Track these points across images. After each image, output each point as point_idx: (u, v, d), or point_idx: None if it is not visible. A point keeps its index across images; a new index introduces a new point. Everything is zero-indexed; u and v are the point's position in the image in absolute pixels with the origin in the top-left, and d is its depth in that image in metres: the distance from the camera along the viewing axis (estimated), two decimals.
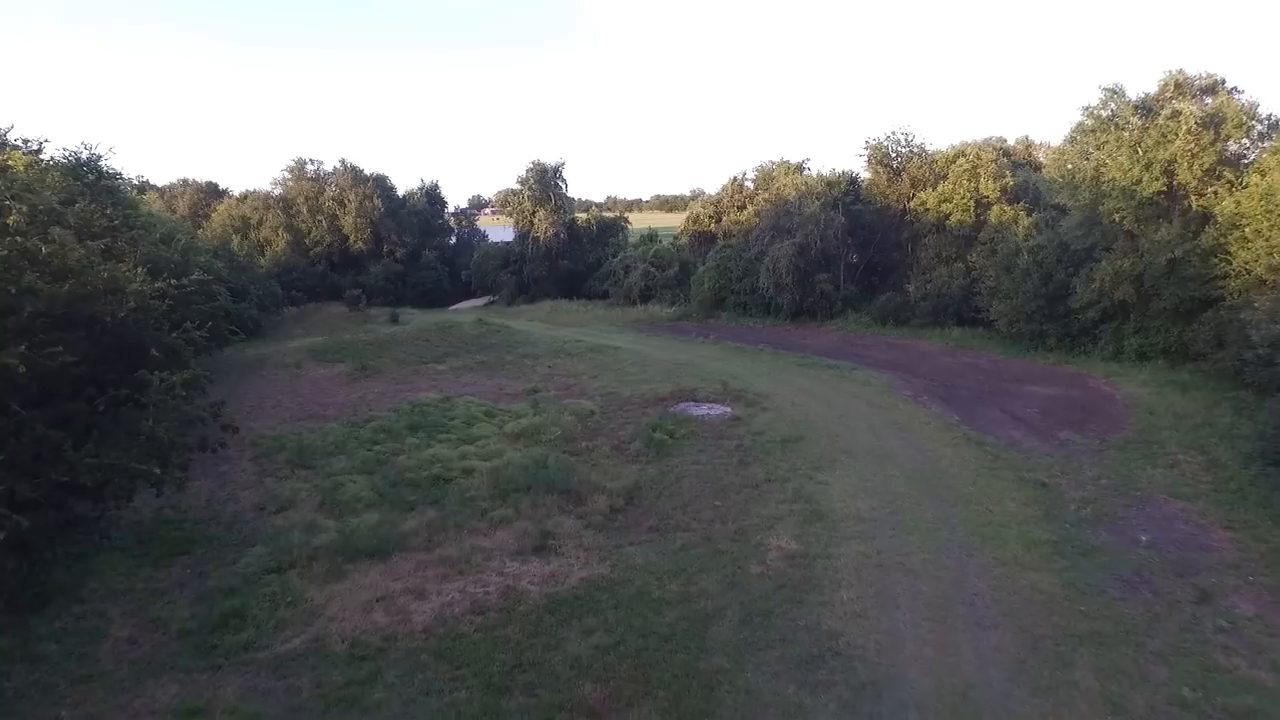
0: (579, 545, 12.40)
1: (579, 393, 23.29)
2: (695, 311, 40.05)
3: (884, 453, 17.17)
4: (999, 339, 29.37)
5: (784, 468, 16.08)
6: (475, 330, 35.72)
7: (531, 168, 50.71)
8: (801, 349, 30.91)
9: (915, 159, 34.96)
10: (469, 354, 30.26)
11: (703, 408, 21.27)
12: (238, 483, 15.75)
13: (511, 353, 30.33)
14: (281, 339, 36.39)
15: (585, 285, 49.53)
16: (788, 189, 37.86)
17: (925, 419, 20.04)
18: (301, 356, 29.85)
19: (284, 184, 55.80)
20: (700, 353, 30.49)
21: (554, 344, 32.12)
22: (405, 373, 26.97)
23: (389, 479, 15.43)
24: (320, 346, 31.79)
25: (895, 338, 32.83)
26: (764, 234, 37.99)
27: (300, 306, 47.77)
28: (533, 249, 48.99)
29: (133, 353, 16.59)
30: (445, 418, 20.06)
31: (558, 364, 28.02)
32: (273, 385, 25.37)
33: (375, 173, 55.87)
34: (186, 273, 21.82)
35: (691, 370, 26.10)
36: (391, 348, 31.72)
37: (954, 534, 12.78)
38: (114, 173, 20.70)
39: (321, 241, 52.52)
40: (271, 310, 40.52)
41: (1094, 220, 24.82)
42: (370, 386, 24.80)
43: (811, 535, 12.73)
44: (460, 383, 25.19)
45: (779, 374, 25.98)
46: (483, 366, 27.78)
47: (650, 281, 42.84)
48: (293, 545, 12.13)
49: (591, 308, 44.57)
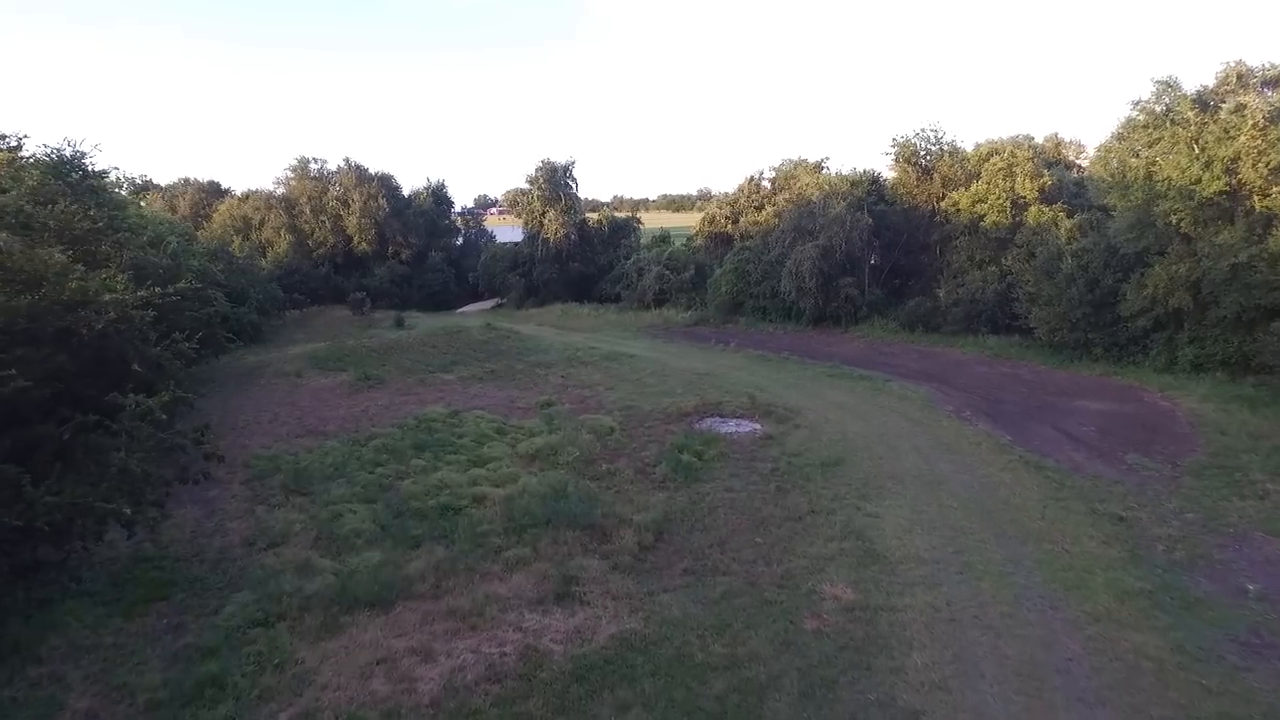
0: (606, 592, 10.99)
1: (596, 406, 21.90)
2: (712, 316, 38.62)
3: (935, 478, 15.70)
4: (1039, 348, 27.83)
5: (827, 496, 14.64)
6: (483, 336, 34.40)
7: (541, 167, 49.38)
8: (828, 357, 29.45)
9: (946, 158, 33.40)
10: (477, 362, 28.92)
11: (730, 424, 19.85)
12: (227, 511, 14.40)
13: (522, 361, 28.98)
14: (282, 344, 35.16)
15: (596, 288, 48.14)
16: (810, 189, 36.39)
17: (974, 438, 18.55)
18: (302, 364, 28.57)
19: (287, 183, 54.67)
20: (721, 361, 29.05)
21: (566, 351, 30.75)
22: (411, 382, 25.64)
23: (392, 508, 14.07)
24: (322, 353, 30.52)
25: (925, 346, 31.34)
26: (785, 235, 36.54)
27: (303, 310, 46.53)
28: (542, 250, 47.61)
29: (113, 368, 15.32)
30: (453, 435, 18.69)
31: (571, 373, 26.64)
32: (271, 396, 24.06)
33: (380, 172, 54.75)
34: (177, 278, 20.57)
35: (714, 381, 24.67)
36: (396, 355, 30.43)
37: (1030, 580, 11.32)
38: (99, 171, 19.47)
39: (325, 242, 51.31)
40: (272, 314, 39.32)
41: (1146, 222, 23.26)
42: (374, 398, 23.47)
43: (869, 580, 11.29)
44: (469, 394, 23.83)
45: (808, 385, 24.52)
46: (492, 376, 26.42)
47: (665, 285, 41.41)
48: (283, 592, 10.76)
49: (604, 312, 43.18)
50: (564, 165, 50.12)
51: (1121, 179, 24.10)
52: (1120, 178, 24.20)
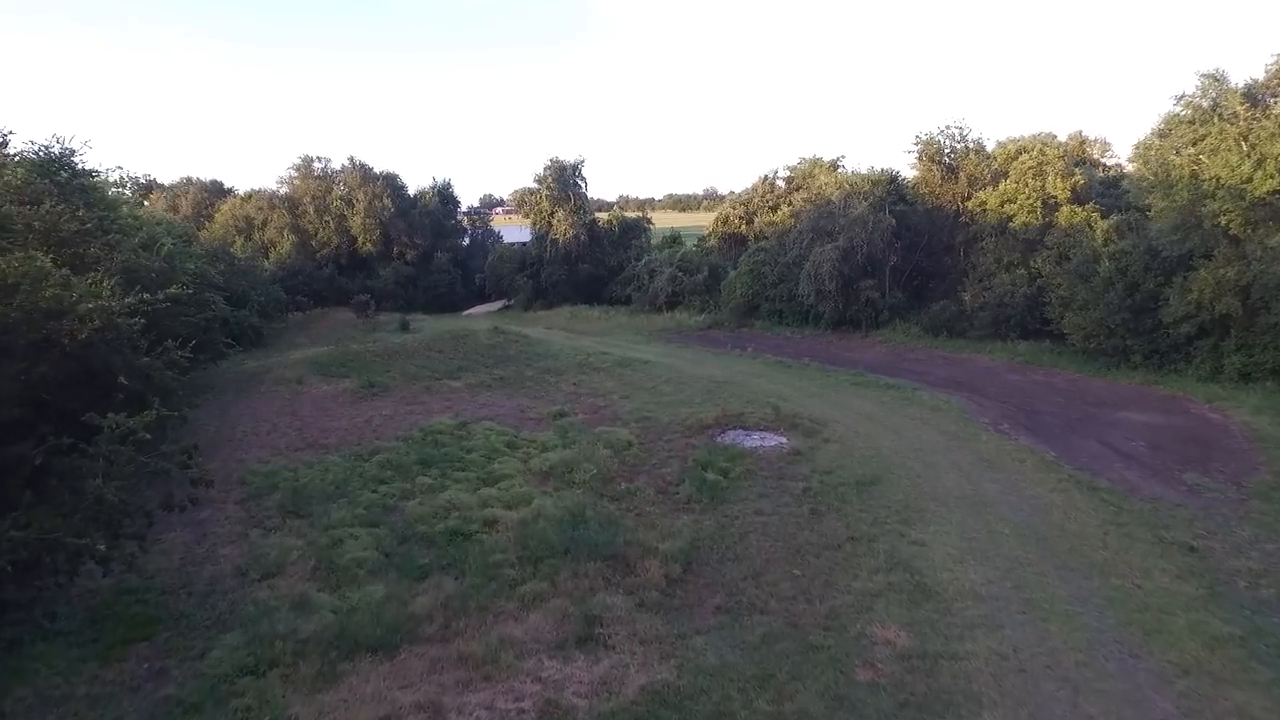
0: (633, 634, 9.96)
1: (611, 417, 20.88)
2: (727, 319, 37.56)
3: (980, 500, 14.63)
4: (1072, 355, 26.69)
5: (866, 520, 13.58)
6: (491, 340, 33.44)
7: (550, 165, 48.39)
8: (850, 364, 28.36)
9: (972, 156, 32.26)
10: (485, 368, 27.95)
11: (755, 437, 18.80)
12: (219, 535, 13.44)
13: (532, 367, 27.99)
14: (284, 349, 34.27)
15: (606, 290, 47.14)
16: (829, 188, 35.30)
17: (1015, 454, 17.46)
18: (303, 370, 27.65)
19: (290, 183, 53.88)
20: (739, 368, 27.99)
21: (577, 356, 29.75)
22: (416, 390, 24.67)
23: (397, 533, 13.08)
24: (324, 358, 29.62)
25: (951, 351, 30.21)
26: (803, 236, 35.46)
27: (306, 312, 45.69)
28: (551, 251, 46.61)
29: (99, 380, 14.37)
30: (462, 449, 17.68)
31: (583, 381, 25.62)
32: (270, 405, 23.13)
33: (385, 171, 53.92)
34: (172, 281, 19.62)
35: (734, 390, 23.61)
36: (401, 360, 29.49)
37: (1103, 621, 10.24)
38: (90, 170, 18.56)
39: (329, 243, 50.47)
40: (274, 317, 38.46)
41: (1192, 223, 22.11)
42: (377, 407, 22.51)
43: (924, 621, 10.23)
44: (477, 403, 22.84)
45: (833, 395, 23.44)
46: (501, 384, 25.42)
47: (678, 287, 40.37)
48: (276, 634, 9.76)
49: (614, 314, 42.17)
50: (573, 164, 49.16)
51: (1165, 178, 22.94)
52: (1163, 176, 23.05)
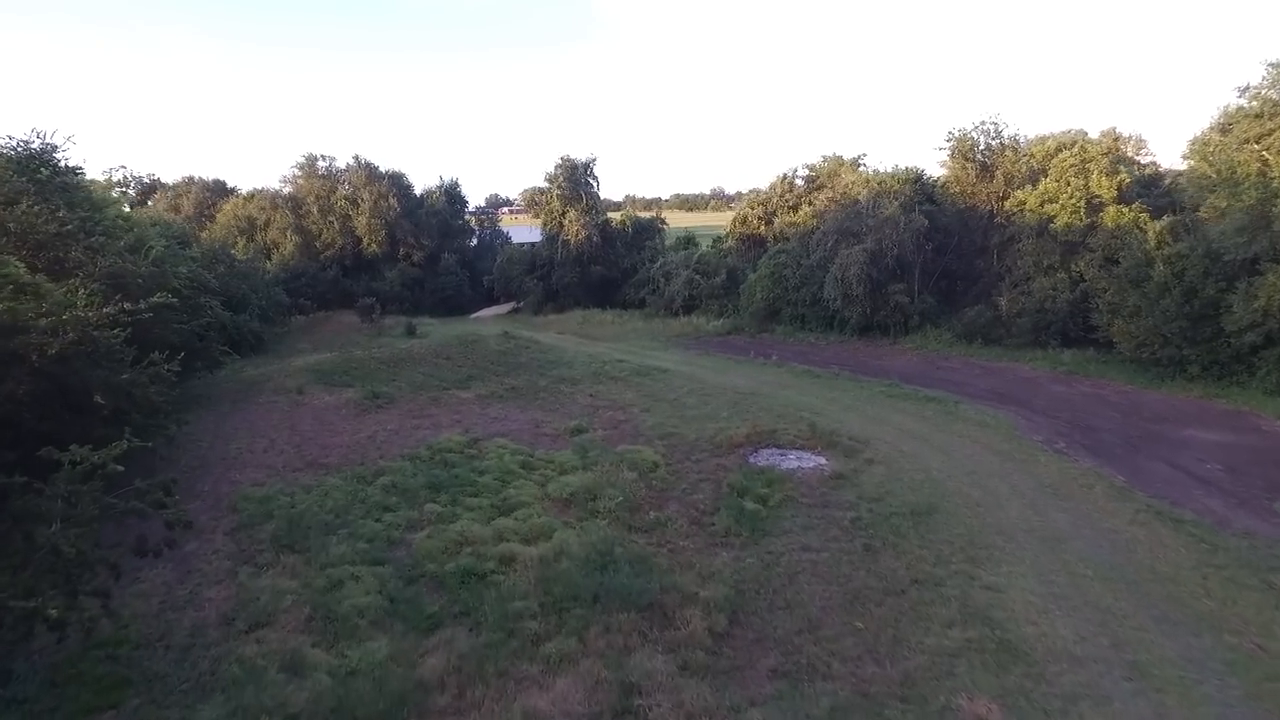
0: (678, 706, 8.57)
1: (632, 433, 19.50)
2: (747, 325, 36.13)
3: (1051, 534, 13.19)
4: (1121, 364, 25.16)
5: (928, 559, 12.15)
6: (501, 346, 32.12)
7: (560, 164, 47.05)
8: (882, 373, 26.91)
9: (1009, 153, 30.70)
10: (496, 377, 26.62)
11: (791, 458, 17.39)
12: (205, 572, 12.12)
13: (545, 375, 26.64)
14: (286, 355, 33.04)
15: (620, 293, 45.76)
16: (856, 187, 33.81)
17: (1080, 478, 15.99)
18: (305, 379, 26.37)
19: (294, 182, 52.72)
20: (765, 377, 26.56)
21: (592, 364, 28.39)
22: (423, 401, 23.35)
23: (403, 573, 11.73)
24: (327, 366, 28.33)
25: (988, 360, 28.70)
26: (827, 237, 34.02)
27: (309, 315, 44.53)
28: (562, 253, 45.25)
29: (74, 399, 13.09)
30: (473, 471, 16.33)
31: (600, 391, 24.25)
32: (269, 418, 21.84)
33: (391, 170, 52.69)
34: (163, 286, 18.38)
35: (762, 402, 22.20)
36: (407, 368, 28.19)
37: (1228, 693, 8.81)
38: (73, 167, 17.32)
39: (333, 244, 49.28)
40: (276, 321, 37.25)
41: (1260, 224, 20.59)
42: (382, 421, 21.19)
43: (1016, 690, 8.81)
44: (488, 417, 21.49)
45: (869, 408, 22.00)
46: (513, 395, 24.07)
47: (695, 290, 38.96)
48: (262, 706, 8.41)
49: (628, 319, 40.79)
50: (584, 163, 47.80)
51: (1229, 175, 21.42)
52: (1227, 174, 21.52)
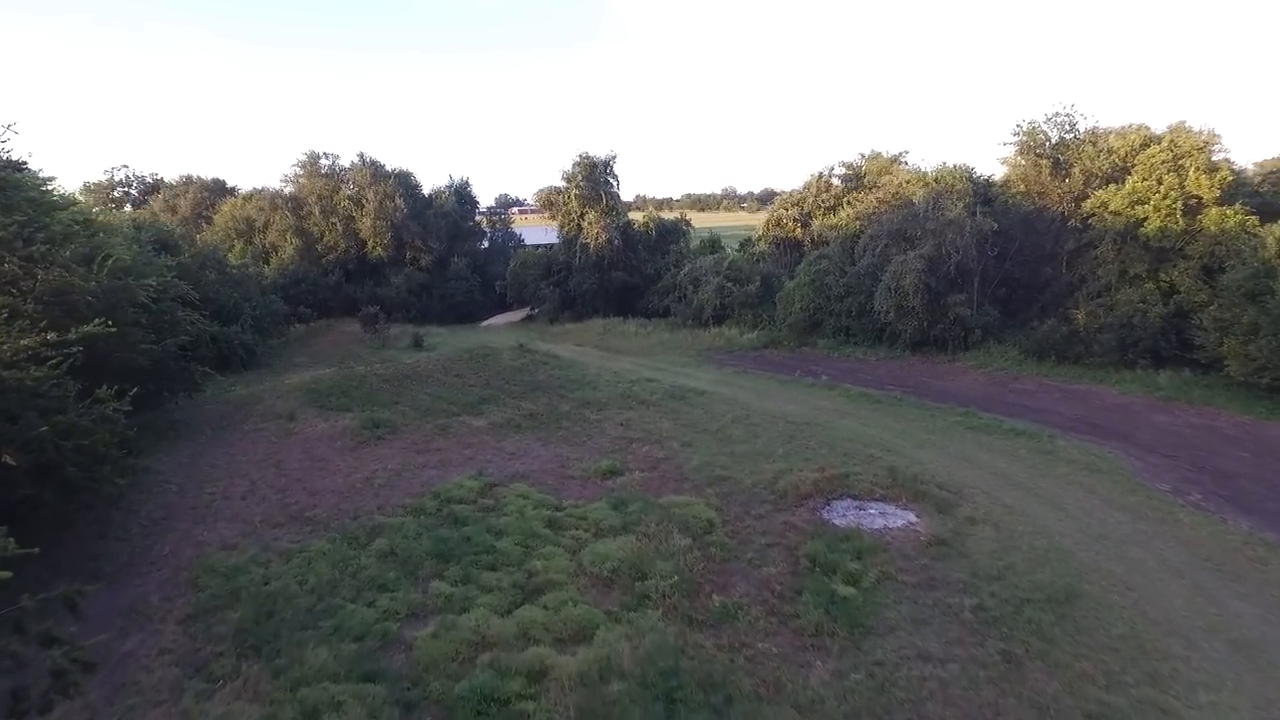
0: None
1: (675, 476, 16.68)
2: (785, 337, 33.22)
3: (1240, 635, 10.26)
4: (1231, 389, 22.07)
5: (1096, 678, 9.25)
6: (517, 362, 29.45)
7: (579, 162, 44.28)
8: (947, 396, 23.96)
9: (1088, 148, 27.62)
10: (512, 399, 23.90)
11: (872, 512, 14.52)
12: (143, 688, 9.41)
13: (567, 398, 23.87)
14: (280, 370, 30.48)
15: (642, 301, 42.94)
16: (911, 187, 30.85)
17: (1242, 546, 13.00)
18: (297, 402, 23.77)
19: (295, 181, 50.25)
20: (817, 402, 23.67)
21: (619, 384, 25.62)
22: (429, 431, 20.65)
23: (399, 695, 8.96)
24: (324, 385, 25.73)
25: (1065, 381, 25.66)
26: (875, 242, 31.07)
27: (309, 324, 42.04)
28: (581, 257, 42.44)
29: None
30: (489, 531, 13.54)
31: (632, 419, 21.44)
32: (252, 451, 19.21)
33: (398, 169, 50.08)
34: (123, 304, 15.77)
35: (821, 435, 19.34)
36: (413, 387, 25.55)
37: None
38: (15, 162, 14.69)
39: (335, 247, 46.73)
40: (272, 332, 34.69)
41: None
42: (382, 456, 18.50)
43: None
44: (504, 452, 18.74)
45: (948, 443, 19.07)
46: (532, 423, 21.30)
47: (726, 299, 36.06)
48: None
49: (653, 329, 37.95)
50: (604, 160, 45.01)
51: None
52: None
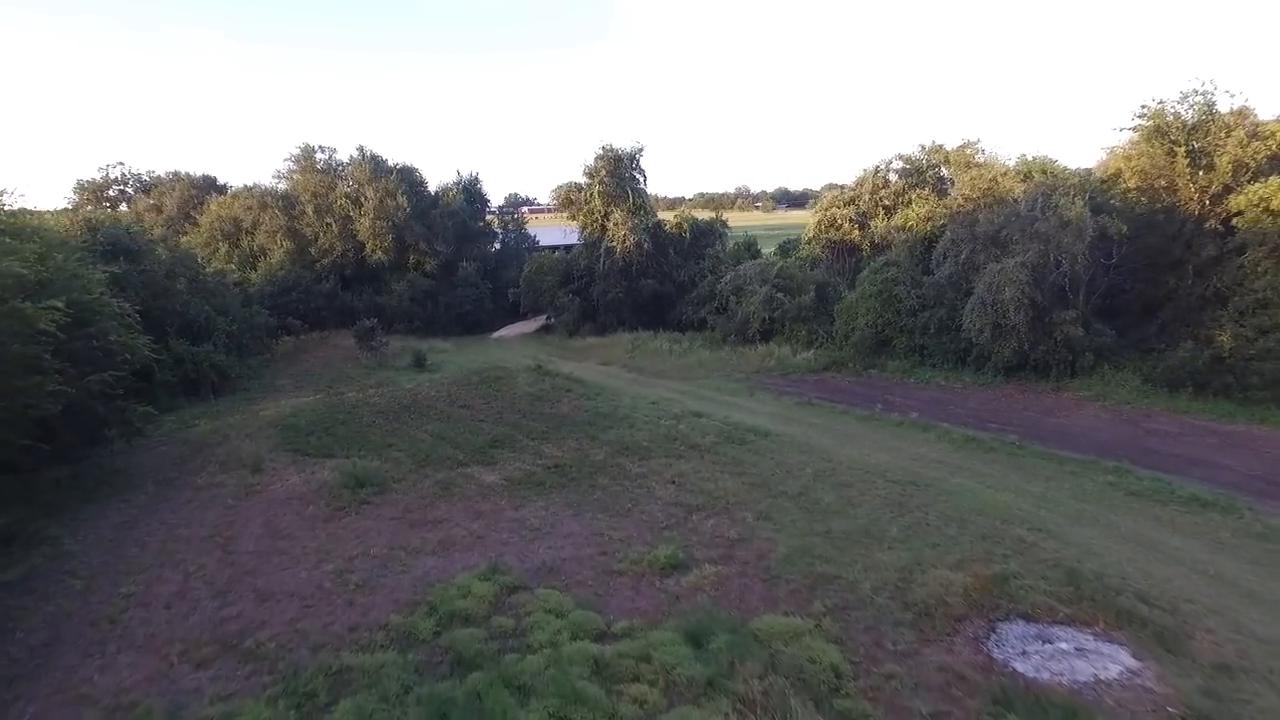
0: None
1: (760, 572, 12.29)
2: (849, 358, 28.83)
3: None
4: None
5: None
6: (535, 388, 25.24)
7: (602, 155, 40.06)
8: (1078, 443, 19.53)
9: (1236, 133, 23.03)
10: (531, 440, 19.65)
11: (1065, 647, 10.08)
12: None
13: (600, 441, 19.58)
14: (257, 396, 26.42)
15: (673, 312, 38.61)
16: (1007, 181, 26.37)
17: None
18: (268, 444, 19.65)
19: (288, 177, 46.39)
20: (913, 447, 19.23)
21: (661, 419, 21.36)
22: (428, 489, 16.43)
23: None
24: (304, 419, 21.64)
25: (1212, 420, 21.12)
26: (958, 247, 26.68)
27: (299, 337, 38.05)
28: (605, 262, 38.12)
29: None
30: (507, 686, 9.20)
31: (685, 473, 17.10)
32: (198, 521, 15.06)
33: (401, 164, 46.12)
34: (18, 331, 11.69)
35: (942, 503, 14.88)
36: (410, 423, 21.38)
37: None
38: None
39: (331, 250, 42.77)
40: (252, 349, 30.66)
41: None
42: (365, 533, 14.27)
43: None
44: (525, 528, 14.43)
45: (1113, 518, 14.57)
46: (558, 479, 16.98)
47: (776, 311, 31.68)
48: None
49: (689, 346, 33.60)
50: (630, 153, 40.75)
51: None
52: None
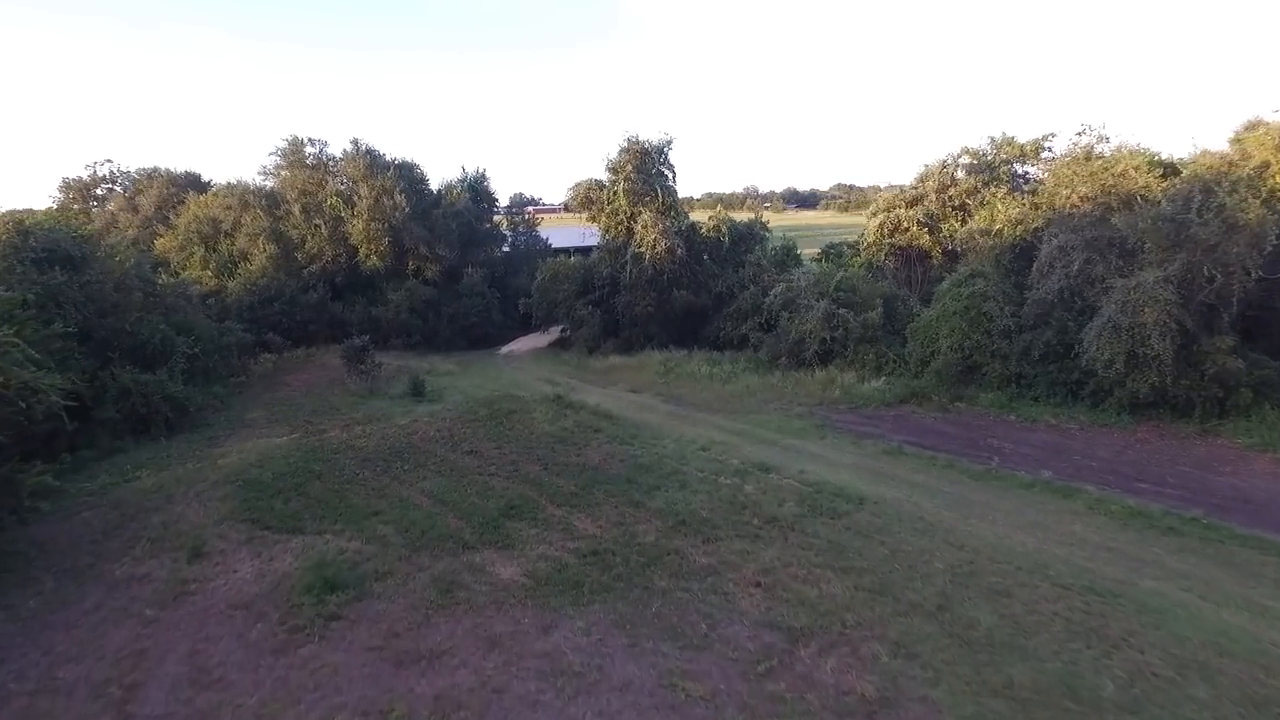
0: None
1: None
2: (931, 387, 24.43)
3: None
4: None
5: None
6: (555, 425, 21.04)
7: (627, 148, 35.72)
8: (1263, 513, 15.07)
9: None
10: (557, 507, 15.31)
11: None
12: None
13: (646, 510, 15.20)
14: (222, 434, 22.20)
15: (709, 327, 34.20)
16: (1139, 177, 21.90)
17: None
18: (219, 510, 15.43)
19: (275, 173, 42.33)
20: (1064, 523, 14.71)
21: (719, 475, 17.04)
22: (421, 594, 12.11)
23: None
24: (270, 472, 17.46)
25: None
26: (1069, 256, 22.30)
27: (281, 354, 33.90)
28: (633, 270, 33.69)
29: None
30: None
31: (771, 568, 12.67)
32: (96, 649, 10.81)
33: (399, 159, 41.96)
34: None
35: (1159, 635, 10.44)
36: (404, 477, 17.15)
37: None
38: None
39: (320, 255, 38.59)
40: (222, 373, 26.48)
41: None
42: (328, 679, 9.95)
43: None
44: (560, 672, 10.04)
45: None
46: (600, 576, 12.55)
47: (838, 330, 27.28)
48: None
49: (733, 370, 29.18)
50: (658, 146, 36.42)
51: None
52: None
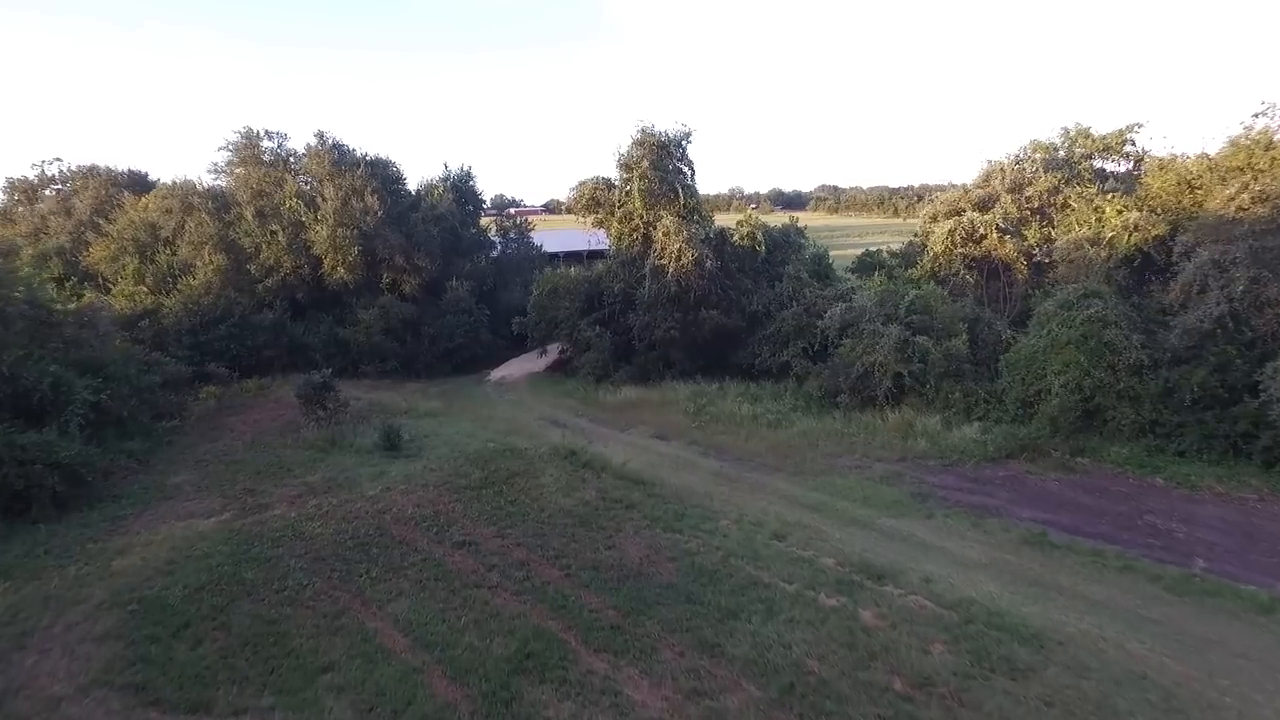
0: None
1: None
2: (1044, 437, 19.71)
3: None
4: None
5: None
6: (572, 497, 16.28)
7: (640, 140, 30.69)
8: None
9: None
10: (593, 652, 10.45)
11: None
12: None
13: (727, 661, 10.43)
14: (127, 512, 17.07)
15: (741, 351, 29.27)
16: None
17: None
18: (90, 672, 10.47)
19: (228, 171, 37.00)
20: None
21: (820, 599, 12.32)
22: None
23: None
24: (180, 590, 12.63)
25: None
26: (1225, 274, 17.76)
27: (226, 386, 28.69)
28: (652, 286, 28.64)
29: None
30: None
31: None
32: None
33: (371, 155, 36.75)
34: None
35: None
36: (367, 590, 12.24)
37: None
38: None
39: (277, 267, 33.27)
40: (139, 423, 21.27)
41: None
42: None
43: None
44: None
45: None
46: None
47: (919, 361, 22.48)
48: None
49: (780, 409, 24.24)
50: (675, 139, 31.45)
51: None
52: None
